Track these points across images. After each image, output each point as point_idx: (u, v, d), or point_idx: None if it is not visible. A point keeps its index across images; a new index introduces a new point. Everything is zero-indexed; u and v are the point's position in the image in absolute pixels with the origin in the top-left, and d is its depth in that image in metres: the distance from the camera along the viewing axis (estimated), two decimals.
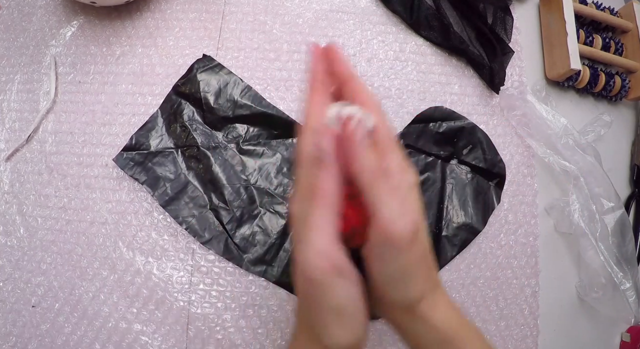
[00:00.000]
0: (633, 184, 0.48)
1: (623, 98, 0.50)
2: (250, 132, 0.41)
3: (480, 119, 0.45)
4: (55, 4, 0.44)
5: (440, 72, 0.46)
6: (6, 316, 0.37)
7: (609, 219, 0.41)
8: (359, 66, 0.45)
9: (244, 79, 0.42)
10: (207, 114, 0.41)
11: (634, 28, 0.50)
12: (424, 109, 0.44)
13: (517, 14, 0.49)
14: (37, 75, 0.42)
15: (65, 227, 0.38)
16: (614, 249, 0.41)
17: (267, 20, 0.45)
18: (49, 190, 0.39)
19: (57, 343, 0.36)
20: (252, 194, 0.39)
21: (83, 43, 0.43)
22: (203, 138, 0.40)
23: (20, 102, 0.42)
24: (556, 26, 0.47)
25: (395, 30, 0.47)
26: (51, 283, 0.37)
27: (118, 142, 0.40)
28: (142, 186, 0.39)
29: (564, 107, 0.48)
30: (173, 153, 0.40)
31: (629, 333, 0.42)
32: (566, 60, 0.45)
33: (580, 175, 0.42)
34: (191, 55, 0.43)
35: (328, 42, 0.45)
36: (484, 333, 0.39)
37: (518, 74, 0.48)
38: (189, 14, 0.44)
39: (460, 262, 0.41)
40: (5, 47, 0.43)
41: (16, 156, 0.40)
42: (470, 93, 0.46)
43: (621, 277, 0.40)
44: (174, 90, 0.41)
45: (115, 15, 0.44)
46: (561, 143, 0.43)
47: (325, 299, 0.20)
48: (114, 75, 0.42)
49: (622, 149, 0.50)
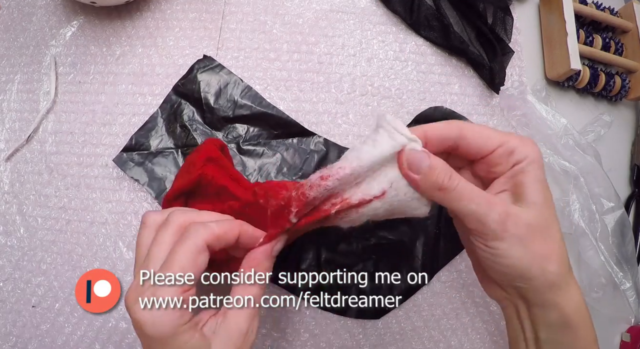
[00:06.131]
0: (633, 184, 0.48)
1: (623, 98, 0.50)
2: (250, 132, 0.41)
3: (480, 119, 0.45)
4: (55, 4, 0.44)
5: (440, 72, 0.46)
6: (6, 316, 0.37)
7: (609, 219, 0.41)
8: (359, 66, 0.45)
9: (244, 79, 0.42)
10: (207, 114, 0.41)
11: (634, 28, 0.50)
12: (424, 109, 0.44)
13: (517, 14, 0.49)
14: (37, 75, 0.42)
15: (65, 227, 0.38)
16: (614, 249, 0.41)
17: (267, 20, 0.45)
18: (49, 190, 0.39)
19: (57, 343, 0.36)
20: None
21: (83, 43, 0.43)
22: (203, 138, 0.40)
23: (20, 102, 0.42)
24: (556, 26, 0.47)
25: (395, 30, 0.47)
26: (51, 283, 0.37)
27: (118, 142, 0.40)
28: (142, 186, 0.39)
29: (564, 107, 0.48)
30: (173, 153, 0.40)
31: (629, 333, 0.42)
32: (566, 60, 0.45)
33: (580, 175, 0.42)
34: (191, 55, 0.43)
35: (327, 43, 0.45)
36: (484, 333, 0.40)
37: (518, 74, 0.48)
38: (189, 14, 0.44)
39: (461, 262, 0.41)
40: (5, 47, 0.43)
41: (16, 156, 0.40)
42: (470, 93, 0.46)
43: (621, 277, 0.40)
44: (174, 90, 0.41)
45: (115, 15, 0.44)
46: (561, 143, 0.43)
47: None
48: (114, 75, 0.42)
49: (622, 149, 0.50)
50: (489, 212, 0.23)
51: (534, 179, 0.24)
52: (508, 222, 0.23)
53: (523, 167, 0.24)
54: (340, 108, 0.43)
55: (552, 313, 0.23)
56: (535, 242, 0.23)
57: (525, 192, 0.24)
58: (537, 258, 0.23)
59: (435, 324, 0.39)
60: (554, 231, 0.24)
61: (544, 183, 0.24)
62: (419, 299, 0.39)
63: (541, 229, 0.23)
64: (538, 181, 0.24)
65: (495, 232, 0.23)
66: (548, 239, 0.23)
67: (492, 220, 0.22)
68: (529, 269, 0.23)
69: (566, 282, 0.23)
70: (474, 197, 0.23)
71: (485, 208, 0.23)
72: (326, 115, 0.43)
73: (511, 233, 0.23)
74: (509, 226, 0.23)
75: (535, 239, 0.23)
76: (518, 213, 0.23)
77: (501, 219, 0.23)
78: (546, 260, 0.23)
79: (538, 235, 0.23)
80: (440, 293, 0.40)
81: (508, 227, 0.23)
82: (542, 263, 0.23)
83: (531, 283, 0.23)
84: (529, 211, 0.23)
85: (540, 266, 0.23)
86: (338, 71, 0.44)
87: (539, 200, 0.24)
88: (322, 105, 0.43)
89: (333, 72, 0.44)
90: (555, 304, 0.23)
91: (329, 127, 0.42)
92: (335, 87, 0.44)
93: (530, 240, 0.23)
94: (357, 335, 0.38)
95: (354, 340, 0.38)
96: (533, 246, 0.23)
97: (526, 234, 0.23)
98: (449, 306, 0.40)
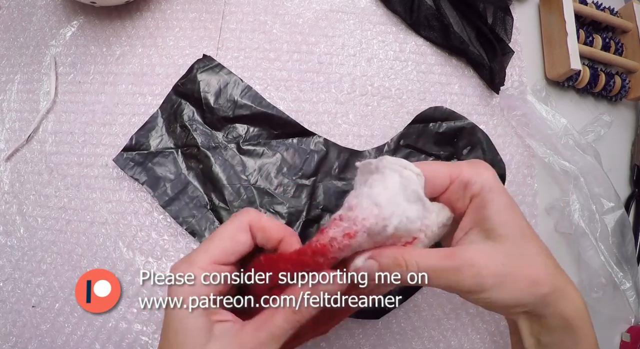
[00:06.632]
0: (633, 184, 0.48)
1: (623, 98, 0.50)
2: (250, 132, 0.41)
3: (480, 119, 0.45)
4: (55, 4, 0.44)
5: (440, 72, 0.46)
6: (6, 316, 0.37)
7: (609, 219, 0.41)
8: (359, 66, 0.45)
9: (244, 79, 0.42)
10: (207, 114, 0.41)
11: (634, 28, 0.50)
12: (424, 109, 0.44)
13: (517, 14, 0.49)
14: (37, 75, 0.42)
15: (65, 227, 0.38)
16: (614, 249, 0.41)
17: (267, 20, 0.45)
18: (49, 190, 0.39)
19: (57, 343, 0.36)
20: (252, 194, 0.39)
21: (83, 43, 0.43)
22: (203, 138, 0.40)
23: (20, 102, 0.42)
24: (556, 26, 0.47)
25: (395, 30, 0.47)
26: (51, 283, 0.37)
27: (118, 142, 0.40)
28: (142, 186, 0.39)
29: (564, 107, 0.48)
30: (173, 153, 0.40)
31: (629, 333, 0.42)
32: (566, 60, 0.45)
33: (580, 175, 0.42)
34: (191, 55, 0.43)
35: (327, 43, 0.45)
36: (484, 333, 0.40)
37: (518, 74, 0.48)
38: (189, 14, 0.44)
39: None
40: (5, 47, 0.43)
41: (16, 156, 0.40)
42: (470, 93, 0.46)
43: (621, 277, 0.40)
44: (174, 90, 0.41)
45: (115, 15, 0.44)
46: (561, 143, 0.43)
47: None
48: (114, 75, 0.42)
49: (622, 149, 0.50)
50: (459, 278, 0.22)
51: (497, 209, 0.23)
52: (482, 274, 0.22)
53: (482, 198, 0.23)
54: (340, 108, 0.43)
55: (554, 319, 0.23)
56: (517, 274, 0.22)
57: (492, 227, 0.23)
58: (525, 288, 0.22)
59: (435, 324, 0.39)
60: (533, 254, 0.23)
61: (510, 208, 0.23)
62: (419, 299, 0.39)
63: (519, 258, 0.23)
64: (502, 209, 0.23)
65: (472, 289, 0.22)
66: (530, 265, 0.23)
67: (465, 285, 0.22)
68: (522, 299, 0.23)
69: (562, 288, 0.23)
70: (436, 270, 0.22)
71: (453, 276, 0.22)
72: (326, 115, 0.43)
73: (491, 282, 0.22)
74: (485, 277, 0.22)
75: (517, 271, 0.22)
76: (489, 258, 0.22)
77: (473, 275, 0.22)
78: (535, 285, 0.23)
79: (518, 266, 0.23)
80: (440, 293, 0.40)
81: (484, 280, 0.22)
82: (532, 289, 0.22)
83: (528, 306, 0.23)
84: (502, 247, 0.23)
85: (531, 292, 0.22)
86: (338, 71, 0.44)
87: (509, 230, 0.23)
88: (322, 105, 0.43)
89: (333, 72, 0.44)
90: (555, 312, 0.23)
91: (329, 127, 0.42)
92: (335, 87, 0.44)
93: (512, 276, 0.22)
94: (357, 335, 0.38)
95: (354, 340, 0.38)
96: (518, 280, 0.22)
97: (506, 272, 0.22)
98: (449, 306, 0.39)
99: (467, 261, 0.22)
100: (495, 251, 0.23)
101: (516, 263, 0.23)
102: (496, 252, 0.23)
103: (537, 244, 0.24)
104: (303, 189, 0.40)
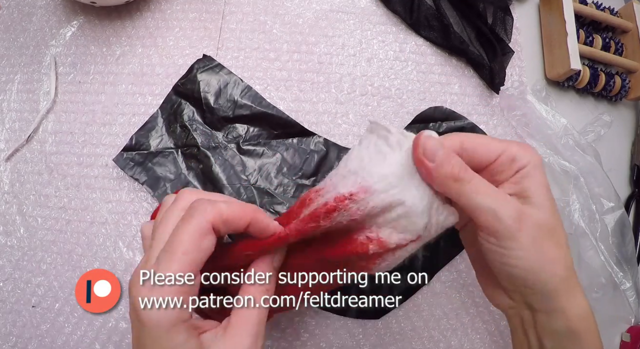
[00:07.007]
0: (633, 184, 0.48)
1: (623, 98, 0.50)
2: (250, 132, 0.41)
3: (480, 119, 0.45)
4: (55, 4, 0.44)
5: (440, 72, 0.46)
6: (6, 316, 0.37)
7: (609, 219, 0.41)
8: (359, 66, 0.45)
9: (244, 79, 0.42)
10: (207, 114, 0.41)
11: (634, 28, 0.50)
12: (424, 109, 0.44)
13: (517, 14, 0.49)
14: (37, 75, 0.42)
15: (65, 227, 0.38)
16: (614, 249, 0.41)
17: (267, 20, 0.45)
18: (49, 190, 0.39)
19: (57, 343, 0.36)
20: (252, 194, 0.39)
21: (83, 43, 0.43)
22: (203, 138, 0.40)
23: (20, 102, 0.42)
24: (556, 26, 0.47)
25: (395, 30, 0.47)
26: (51, 283, 0.37)
27: (118, 142, 0.40)
28: (142, 186, 0.39)
29: (564, 107, 0.48)
30: (173, 153, 0.40)
31: (629, 333, 0.42)
32: (566, 60, 0.45)
33: (580, 175, 0.42)
34: (191, 55, 0.43)
35: (327, 43, 0.45)
36: (484, 333, 0.40)
37: (518, 74, 0.48)
38: (189, 14, 0.44)
39: (461, 262, 0.41)
40: (5, 47, 0.43)
41: (16, 156, 0.40)
42: (470, 93, 0.46)
43: (621, 277, 0.40)
44: (174, 90, 0.41)
45: (115, 15, 0.44)
46: (561, 143, 0.43)
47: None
48: (114, 75, 0.42)
49: (622, 149, 0.50)
50: (506, 208, 0.22)
51: (539, 183, 0.24)
52: (523, 219, 0.22)
53: (527, 172, 0.24)
54: (340, 108, 0.43)
55: (558, 321, 0.23)
56: (545, 244, 0.23)
57: (533, 196, 0.23)
58: (547, 261, 0.23)
59: (435, 324, 0.39)
60: (561, 235, 0.24)
61: (548, 187, 0.24)
62: (419, 299, 0.39)
63: (551, 231, 0.23)
64: (543, 185, 0.24)
65: (510, 229, 0.22)
66: (556, 243, 0.23)
67: (509, 216, 0.22)
68: (539, 272, 0.23)
69: (572, 287, 0.23)
70: (490, 192, 0.23)
71: (502, 203, 0.22)
72: (326, 115, 0.43)
73: (526, 232, 0.22)
74: (524, 224, 0.22)
75: (545, 241, 0.23)
76: (531, 213, 0.23)
77: (517, 216, 0.22)
78: (555, 264, 0.23)
79: (548, 237, 0.23)
80: (440, 293, 0.40)
81: (523, 226, 0.22)
82: (551, 266, 0.23)
83: (539, 287, 0.23)
84: (539, 213, 0.23)
85: (550, 269, 0.23)
86: (338, 71, 0.44)
87: (547, 203, 0.23)
88: (322, 105, 0.43)
89: (333, 72, 0.44)
90: (561, 311, 0.23)
91: (329, 127, 0.42)
92: (335, 87, 0.44)
93: (541, 242, 0.23)
94: (357, 335, 0.38)
95: (354, 340, 0.38)
96: (544, 248, 0.23)
97: (538, 235, 0.22)
98: (449, 306, 0.40)
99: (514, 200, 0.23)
100: (534, 213, 0.23)
101: (547, 234, 0.23)
102: (535, 214, 0.23)
103: (564, 232, 0.24)
104: (303, 189, 0.40)
